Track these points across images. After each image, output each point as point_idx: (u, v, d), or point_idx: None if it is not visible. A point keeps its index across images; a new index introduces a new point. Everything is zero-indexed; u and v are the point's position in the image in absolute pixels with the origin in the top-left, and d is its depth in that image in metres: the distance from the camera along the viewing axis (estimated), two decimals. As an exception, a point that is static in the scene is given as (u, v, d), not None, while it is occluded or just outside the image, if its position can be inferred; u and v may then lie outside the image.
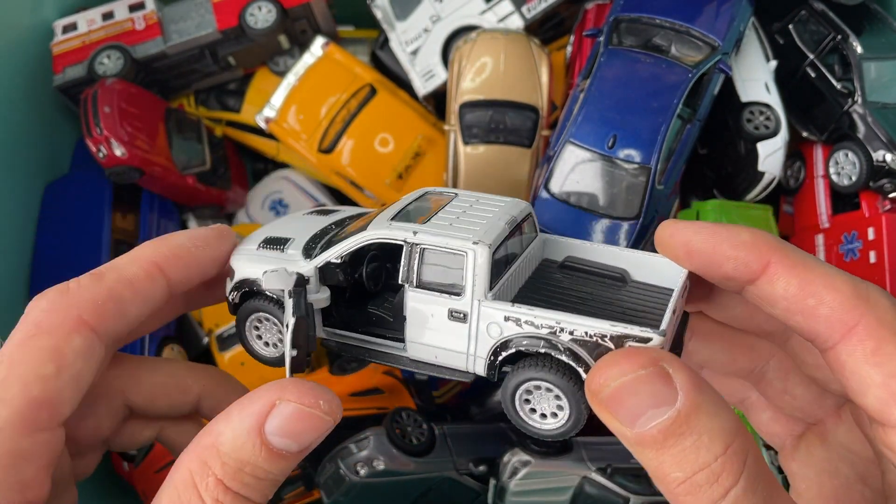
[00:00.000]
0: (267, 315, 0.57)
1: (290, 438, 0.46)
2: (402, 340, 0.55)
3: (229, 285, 0.58)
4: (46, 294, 0.52)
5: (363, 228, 0.55)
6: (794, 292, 0.48)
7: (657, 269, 0.58)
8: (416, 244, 0.52)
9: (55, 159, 1.23)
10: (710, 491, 0.41)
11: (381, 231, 0.54)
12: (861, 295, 0.47)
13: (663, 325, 0.48)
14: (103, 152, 1.10)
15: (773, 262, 0.49)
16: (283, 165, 1.34)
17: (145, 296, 0.54)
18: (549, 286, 0.57)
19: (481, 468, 0.96)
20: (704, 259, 0.51)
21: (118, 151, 1.10)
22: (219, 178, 1.26)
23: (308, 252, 0.56)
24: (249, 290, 0.57)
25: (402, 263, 0.53)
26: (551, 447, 0.94)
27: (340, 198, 1.28)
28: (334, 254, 0.55)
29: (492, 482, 0.95)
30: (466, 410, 1.16)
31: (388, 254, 0.60)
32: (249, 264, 0.56)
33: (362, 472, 0.91)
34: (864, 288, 0.48)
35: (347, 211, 0.66)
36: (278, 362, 0.58)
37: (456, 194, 0.60)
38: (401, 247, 0.53)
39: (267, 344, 0.59)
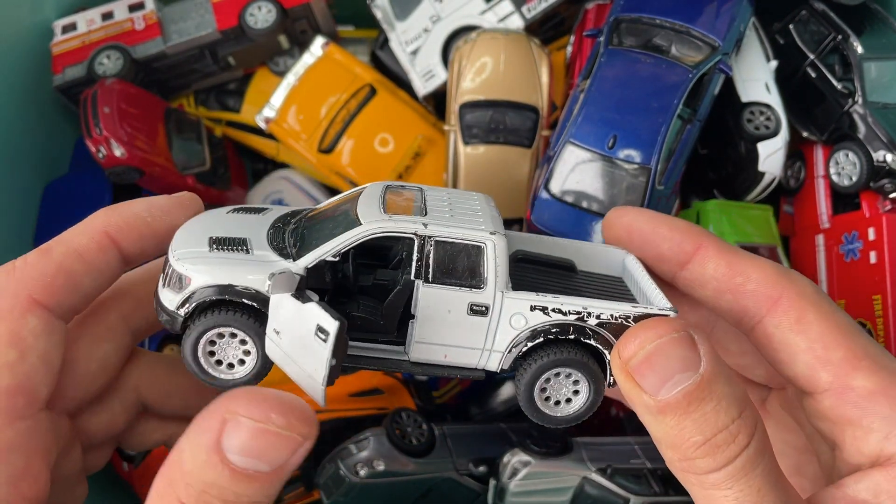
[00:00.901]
0: (234, 331, 0.49)
1: (254, 458, 0.40)
2: (400, 343, 0.52)
3: (177, 297, 0.49)
4: None
5: (352, 224, 0.50)
6: (723, 272, 0.53)
7: (597, 257, 0.61)
8: (429, 236, 0.50)
9: (55, 159, 1.23)
10: (728, 450, 0.44)
11: (384, 224, 0.50)
12: (783, 273, 0.53)
13: (669, 304, 0.52)
14: (103, 152, 1.10)
15: (705, 246, 0.54)
16: (283, 165, 1.34)
17: (97, 267, 0.52)
18: (522, 280, 0.57)
19: (481, 469, 0.96)
20: (644, 238, 0.56)
21: (118, 152, 1.10)
22: (218, 179, 1.26)
23: (282, 252, 0.51)
24: (216, 301, 0.49)
25: (414, 258, 0.50)
26: (551, 447, 0.93)
27: (340, 198, 1.28)
28: (328, 251, 0.50)
29: (492, 483, 0.95)
30: (466, 410, 1.16)
31: (364, 253, 0.56)
32: (214, 267, 0.49)
33: (362, 472, 0.90)
34: (786, 269, 0.53)
35: (276, 211, 0.59)
36: (244, 383, 0.51)
37: (421, 189, 0.57)
38: (384, 245, 0.51)
39: (220, 363, 0.51)
